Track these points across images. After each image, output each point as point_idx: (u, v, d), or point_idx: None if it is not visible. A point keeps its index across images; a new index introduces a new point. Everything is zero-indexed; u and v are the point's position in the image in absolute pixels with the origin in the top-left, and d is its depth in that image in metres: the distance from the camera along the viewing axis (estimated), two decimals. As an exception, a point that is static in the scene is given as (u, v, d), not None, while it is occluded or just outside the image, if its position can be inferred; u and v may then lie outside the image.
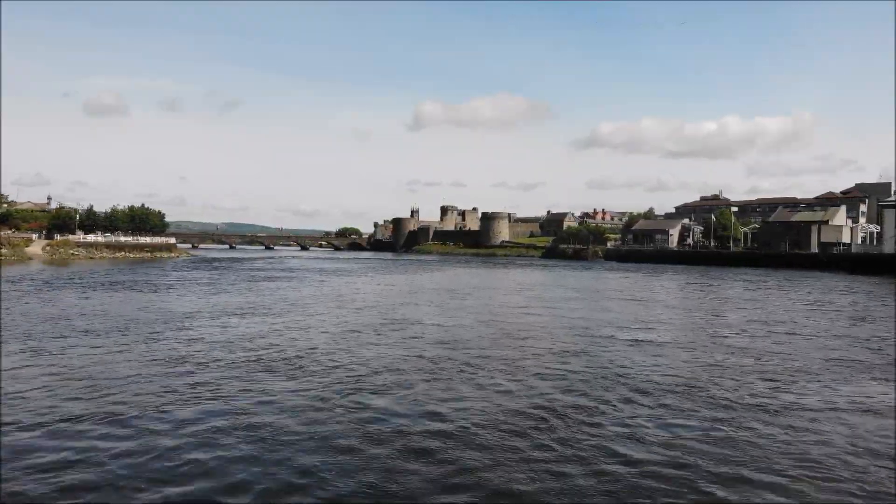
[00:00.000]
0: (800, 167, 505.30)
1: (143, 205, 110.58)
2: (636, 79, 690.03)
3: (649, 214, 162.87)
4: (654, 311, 31.72)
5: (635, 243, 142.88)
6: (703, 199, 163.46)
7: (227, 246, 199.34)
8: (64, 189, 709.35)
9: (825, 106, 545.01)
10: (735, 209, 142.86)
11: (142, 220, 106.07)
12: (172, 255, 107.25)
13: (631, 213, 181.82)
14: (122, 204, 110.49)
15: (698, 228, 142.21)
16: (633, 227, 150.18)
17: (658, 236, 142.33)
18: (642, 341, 21.20)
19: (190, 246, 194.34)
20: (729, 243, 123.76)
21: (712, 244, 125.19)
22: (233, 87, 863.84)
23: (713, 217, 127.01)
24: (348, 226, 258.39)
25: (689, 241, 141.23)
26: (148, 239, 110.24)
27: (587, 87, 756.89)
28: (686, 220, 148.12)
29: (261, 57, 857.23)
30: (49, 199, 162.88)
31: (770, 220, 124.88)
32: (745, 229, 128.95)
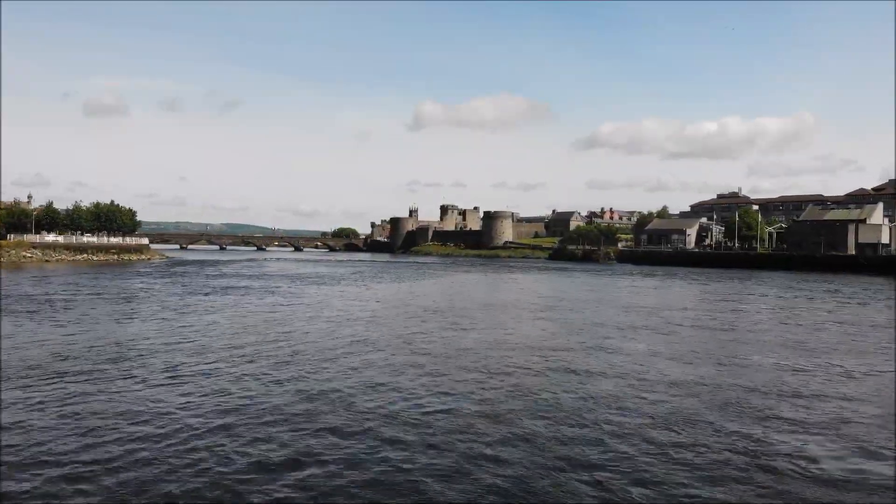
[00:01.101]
0: (800, 167, 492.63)
1: (112, 201, 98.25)
2: (637, 79, 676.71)
3: (663, 213, 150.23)
4: (796, 357, 19.58)
5: (649, 244, 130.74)
6: (720, 196, 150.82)
7: (217, 247, 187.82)
8: (64, 189, 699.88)
9: (825, 106, 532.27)
10: (755, 207, 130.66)
11: (108, 219, 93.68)
12: (143, 257, 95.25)
13: (641, 213, 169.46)
14: (86, 202, 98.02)
15: (718, 228, 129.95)
16: (647, 227, 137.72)
17: (674, 236, 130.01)
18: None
19: (178, 247, 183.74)
20: (755, 244, 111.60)
21: (736, 245, 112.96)
22: (233, 87, 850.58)
23: (736, 216, 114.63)
24: (348, 226, 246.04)
25: (708, 241, 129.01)
26: (117, 240, 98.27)
27: (588, 87, 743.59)
28: (704, 219, 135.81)
29: (261, 57, 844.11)
30: (30, 197, 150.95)
31: (800, 218, 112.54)
32: (770, 229, 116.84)
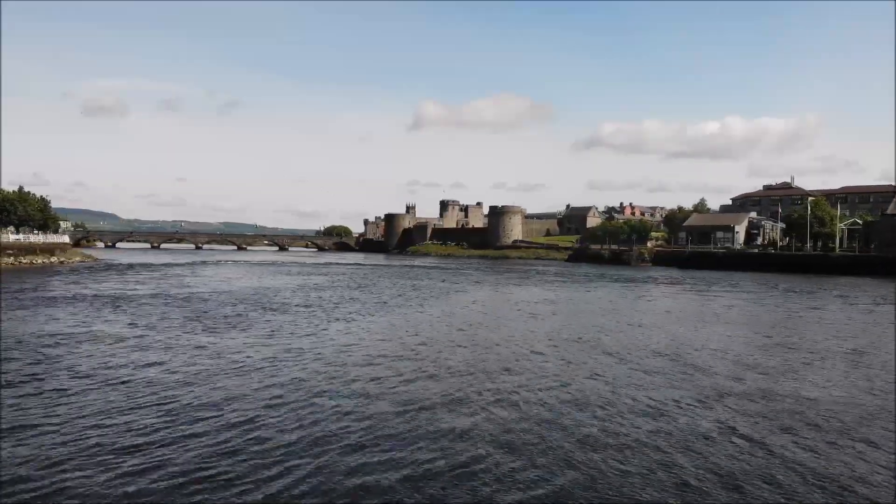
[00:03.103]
0: (800, 168, 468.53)
1: (21, 188, 73.55)
2: (638, 79, 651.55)
3: (702, 207, 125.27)
4: None
5: (689, 243, 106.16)
6: (767, 188, 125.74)
7: (193, 246, 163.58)
8: (63, 190, 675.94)
9: (827, 106, 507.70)
10: (811, 199, 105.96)
11: (5, 211, 68.99)
12: (54, 259, 70.80)
13: (668, 209, 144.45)
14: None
15: (772, 224, 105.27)
16: (686, 223, 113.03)
17: (719, 234, 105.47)
18: None
19: (149, 246, 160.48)
20: (832, 243, 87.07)
21: (808, 245, 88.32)
22: (233, 87, 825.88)
23: (808, 209, 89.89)
24: (345, 227, 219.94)
25: (760, 239, 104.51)
26: (20, 237, 73.57)
27: (589, 87, 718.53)
28: (753, 214, 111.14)
29: (261, 57, 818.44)
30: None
31: (888, 212, 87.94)
32: (842, 225, 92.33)
